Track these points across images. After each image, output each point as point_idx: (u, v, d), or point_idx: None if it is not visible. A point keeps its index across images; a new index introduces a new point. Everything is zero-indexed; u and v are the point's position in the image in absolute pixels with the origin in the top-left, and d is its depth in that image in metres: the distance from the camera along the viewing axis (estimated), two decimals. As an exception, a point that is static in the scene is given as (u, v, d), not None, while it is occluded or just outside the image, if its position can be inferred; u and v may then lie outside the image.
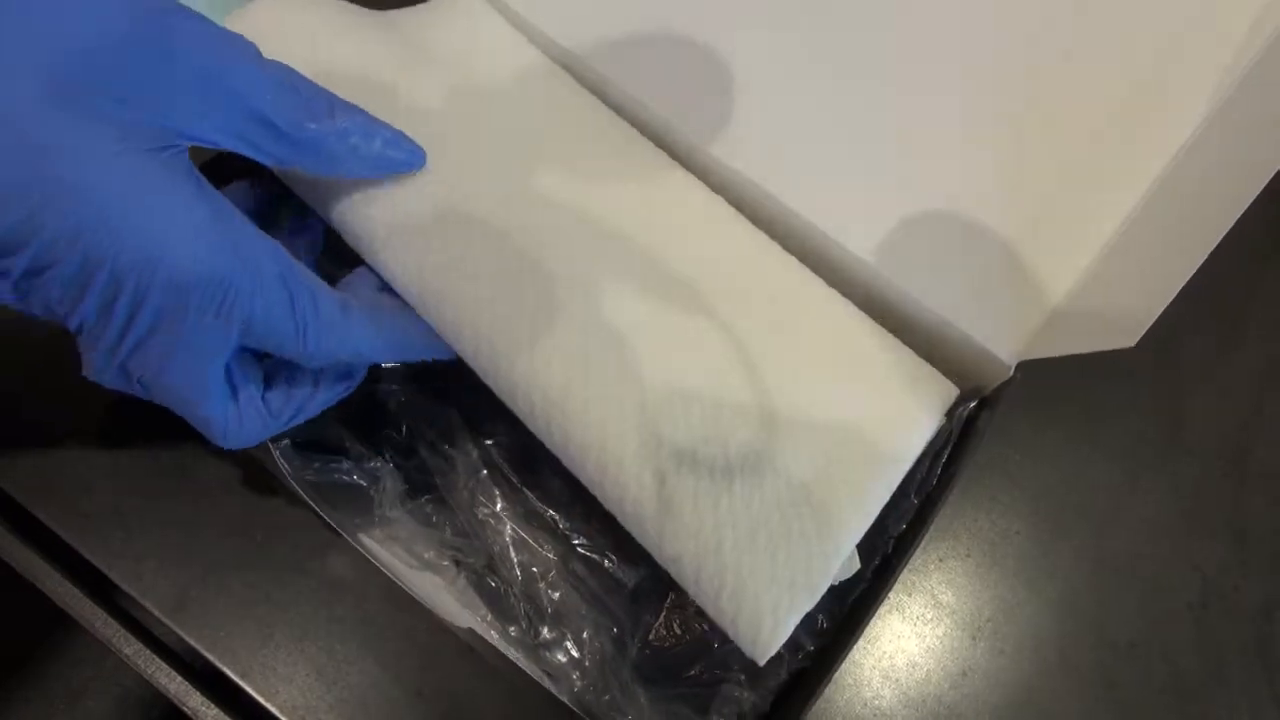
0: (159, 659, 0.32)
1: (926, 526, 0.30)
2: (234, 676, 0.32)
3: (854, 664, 0.35)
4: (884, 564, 0.31)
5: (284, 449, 0.31)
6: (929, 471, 0.32)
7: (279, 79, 0.25)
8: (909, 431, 0.29)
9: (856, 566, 0.29)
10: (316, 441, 0.32)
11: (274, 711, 0.32)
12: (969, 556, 0.38)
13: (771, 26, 0.35)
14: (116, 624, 0.32)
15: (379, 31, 0.32)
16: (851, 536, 0.27)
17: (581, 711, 0.31)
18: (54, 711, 0.41)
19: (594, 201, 0.31)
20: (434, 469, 0.32)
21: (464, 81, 0.32)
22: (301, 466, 0.31)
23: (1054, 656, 0.36)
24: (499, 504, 0.32)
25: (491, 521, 0.31)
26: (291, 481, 0.28)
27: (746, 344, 0.29)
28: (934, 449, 0.31)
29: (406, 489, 0.32)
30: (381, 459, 0.32)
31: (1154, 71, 0.33)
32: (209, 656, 0.32)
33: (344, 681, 0.32)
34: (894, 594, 0.37)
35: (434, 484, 0.32)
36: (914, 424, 0.29)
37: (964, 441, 0.32)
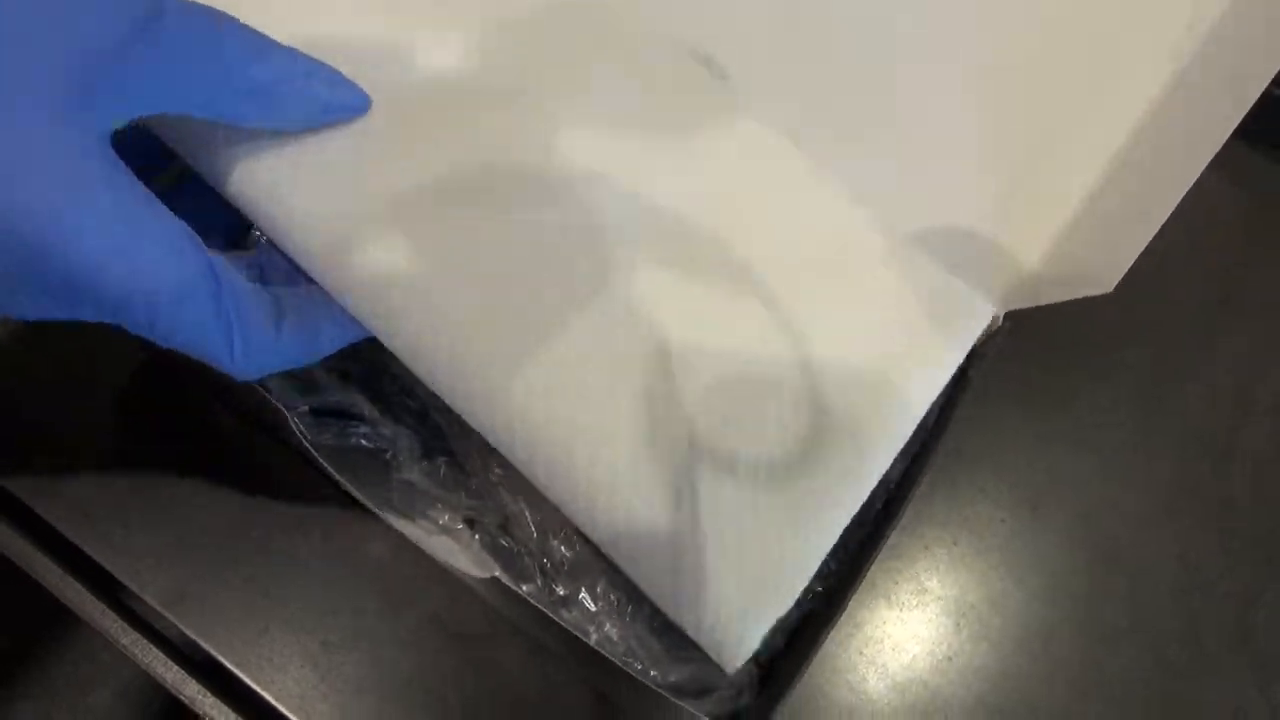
0: (157, 649, 0.33)
1: (924, 472, 0.31)
2: (230, 666, 0.33)
3: (839, 648, 0.36)
4: (885, 508, 0.32)
5: (301, 414, 0.31)
6: (923, 422, 0.32)
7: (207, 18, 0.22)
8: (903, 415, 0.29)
9: None
10: (332, 408, 0.32)
11: (270, 700, 0.32)
12: (955, 544, 0.38)
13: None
14: (115, 616, 0.33)
15: None
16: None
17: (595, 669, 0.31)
18: (56, 707, 0.41)
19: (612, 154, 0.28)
20: (448, 433, 0.32)
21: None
22: (318, 431, 0.31)
23: (1038, 643, 0.37)
24: (511, 465, 0.32)
25: (505, 483, 0.32)
26: (309, 446, 0.29)
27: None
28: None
29: (422, 452, 0.32)
30: (396, 423, 0.32)
31: (1124, 30, 0.34)
32: (206, 647, 0.33)
33: (338, 671, 0.33)
34: (880, 580, 0.37)
35: (449, 448, 0.32)
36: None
37: (956, 391, 0.33)
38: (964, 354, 0.34)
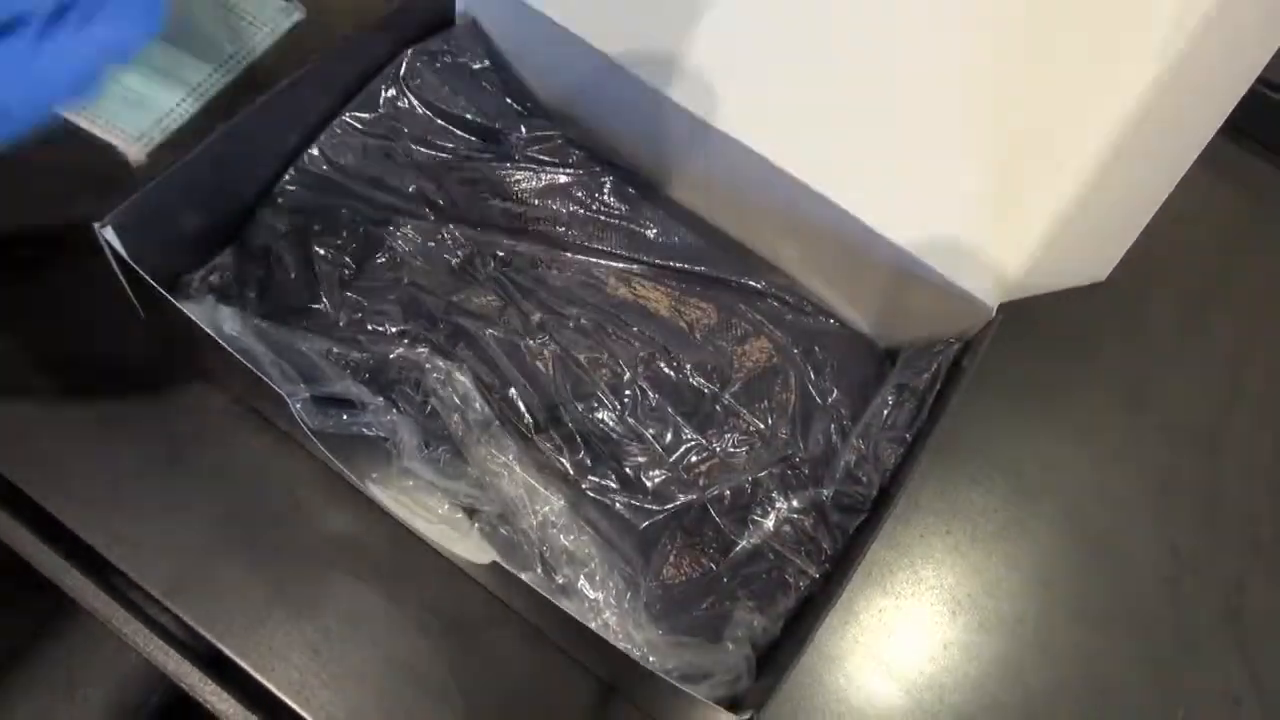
0: (158, 638, 0.33)
1: (919, 459, 0.32)
2: (231, 654, 0.33)
3: (835, 636, 0.36)
4: (881, 495, 0.33)
5: (304, 403, 0.31)
6: (919, 410, 0.34)
7: None
8: None
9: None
10: (334, 397, 0.32)
11: (270, 687, 0.32)
12: (949, 534, 0.39)
13: (760, 9, 0.36)
14: (116, 604, 0.33)
15: None
16: None
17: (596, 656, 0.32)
18: (54, 699, 0.41)
19: None
20: (448, 423, 0.33)
21: None
22: (319, 419, 0.31)
23: (1031, 630, 0.37)
24: (510, 454, 0.32)
25: (504, 473, 0.32)
26: (309, 433, 0.29)
27: None
28: (923, 390, 0.34)
29: (423, 441, 0.33)
30: (398, 412, 0.33)
31: (1120, 29, 0.35)
32: (207, 635, 0.33)
33: (338, 659, 0.33)
34: (876, 569, 0.38)
35: (448, 437, 0.33)
36: None
37: (950, 381, 0.34)
38: (960, 346, 0.35)
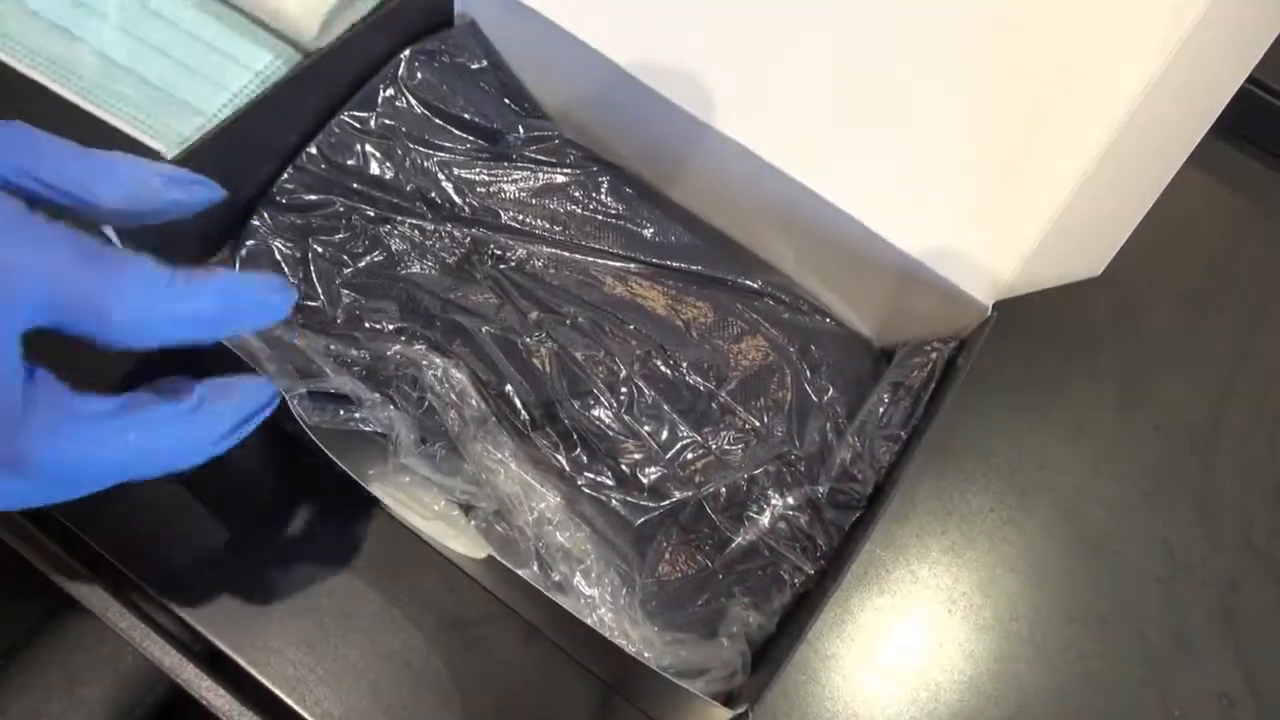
0: (155, 635, 0.33)
1: (913, 456, 0.32)
2: (227, 650, 0.33)
3: (831, 635, 0.36)
4: (876, 492, 0.33)
5: (300, 398, 0.32)
6: (913, 408, 0.34)
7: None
8: None
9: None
10: (331, 393, 0.33)
11: (266, 683, 0.33)
12: (945, 533, 0.39)
13: (759, 11, 0.37)
14: (114, 601, 0.33)
15: None
16: None
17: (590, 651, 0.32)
18: (51, 697, 0.41)
19: None
20: (444, 420, 0.33)
21: None
22: (316, 414, 0.31)
23: (1027, 629, 0.37)
24: (507, 451, 0.33)
25: (500, 469, 0.32)
26: (305, 428, 0.29)
27: None
28: (918, 388, 0.34)
29: (419, 437, 0.33)
30: (395, 409, 0.33)
31: (1113, 29, 0.36)
32: (203, 632, 0.33)
33: (334, 654, 0.33)
34: (873, 568, 0.38)
35: (445, 434, 0.33)
36: None
37: (945, 380, 0.34)
38: (955, 344, 0.35)
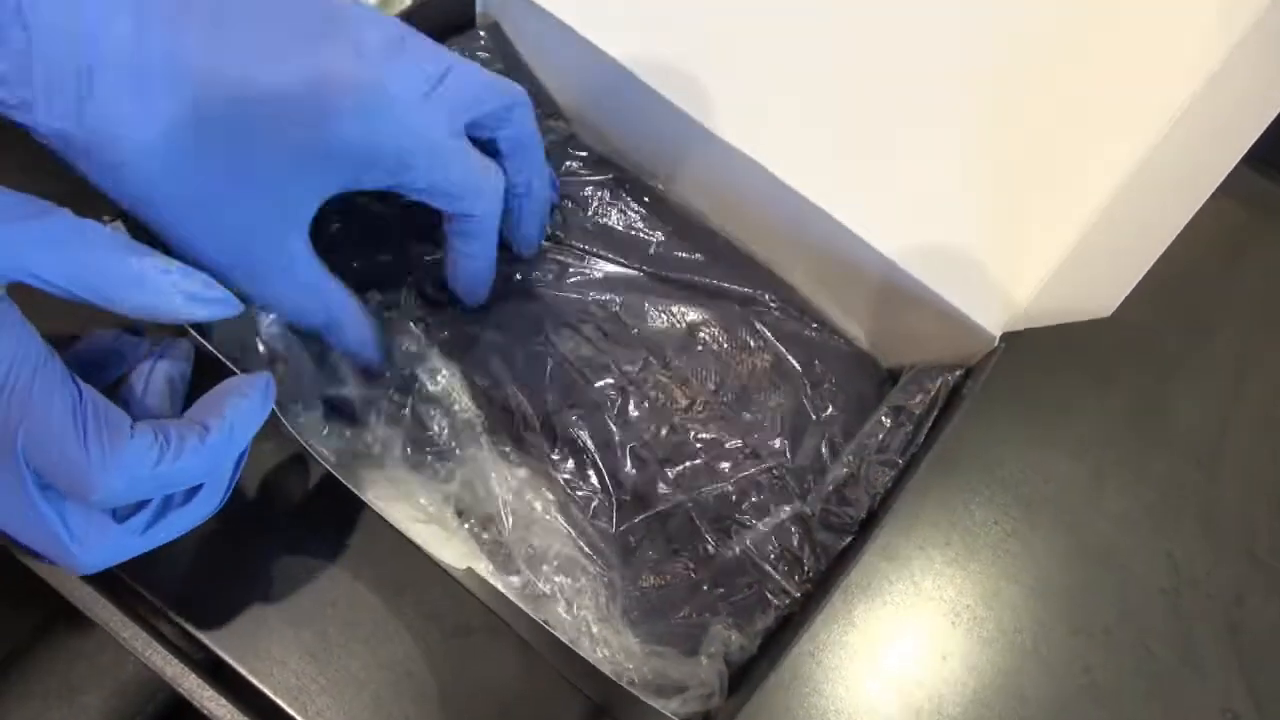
0: (157, 644, 0.33)
1: (905, 484, 0.32)
2: (230, 660, 0.33)
3: (835, 646, 0.36)
4: (869, 517, 0.33)
5: (294, 413, 0.32)
6: (914, 435, 0.34)
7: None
8: None
9: None
10: (324, 401, 0.33)
11: (268, 693, 0.32)
12: (949, 545, 0.39)
13: (775, 23, 0.37)
14: (116, 610, 0.33)
15: None
16: None
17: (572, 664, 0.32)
18: (50, 706, 0.41)
19: None
20: (436, 427, 0.33)
21: None
22: (311, 432, 0.32)
23: (1030, 642, 0.37)
24: (497, 460, 0.33)
25: (491, 476, 0.32)
26: (301, 440, 0.29)
27: None
28: (920, 414, 0.34)
29: (412, 446, 0.33)
30: (387, 417, 0.33)
31: (1140, 61, 0.36)
32: (206, 641, 0.33)
33: (336, 664, 0.33)
34: (876, 580, 0.38)
35: (437, 441, 0.33)
36: None
37: (949, 408, 0.34)
38: (962, 373, 0.35)
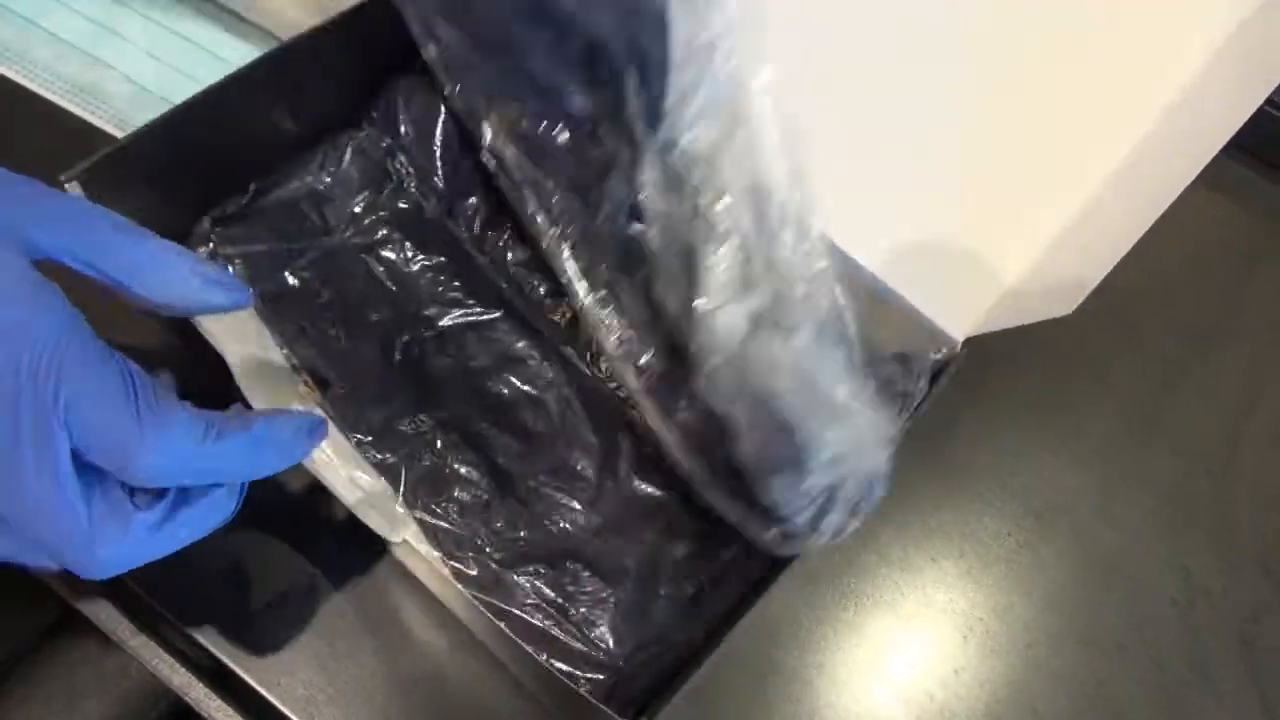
0: (164, 652, 0.32)
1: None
2: (237, 669, 0.33)
3: (846, 658, 0.36)
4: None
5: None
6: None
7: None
8: None
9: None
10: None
11: (275, 703, 0.32)
12: (961, 558, 0.39)
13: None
14: (122, 616, 0.33)
15: None
16: None
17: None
18: (51, 711, 0.41)
19: None
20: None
21: None
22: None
23: (1043, 655, 0.37)
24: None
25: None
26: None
27: None
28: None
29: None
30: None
31: (1115, 62, 0.36)
32: (213, 650, 0.33)
33: (344, 673, 0.33)
34: (888, 593, 0.37)
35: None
36: None
37: (914, 413, 0.34)
38: (927, 379, 0.35)
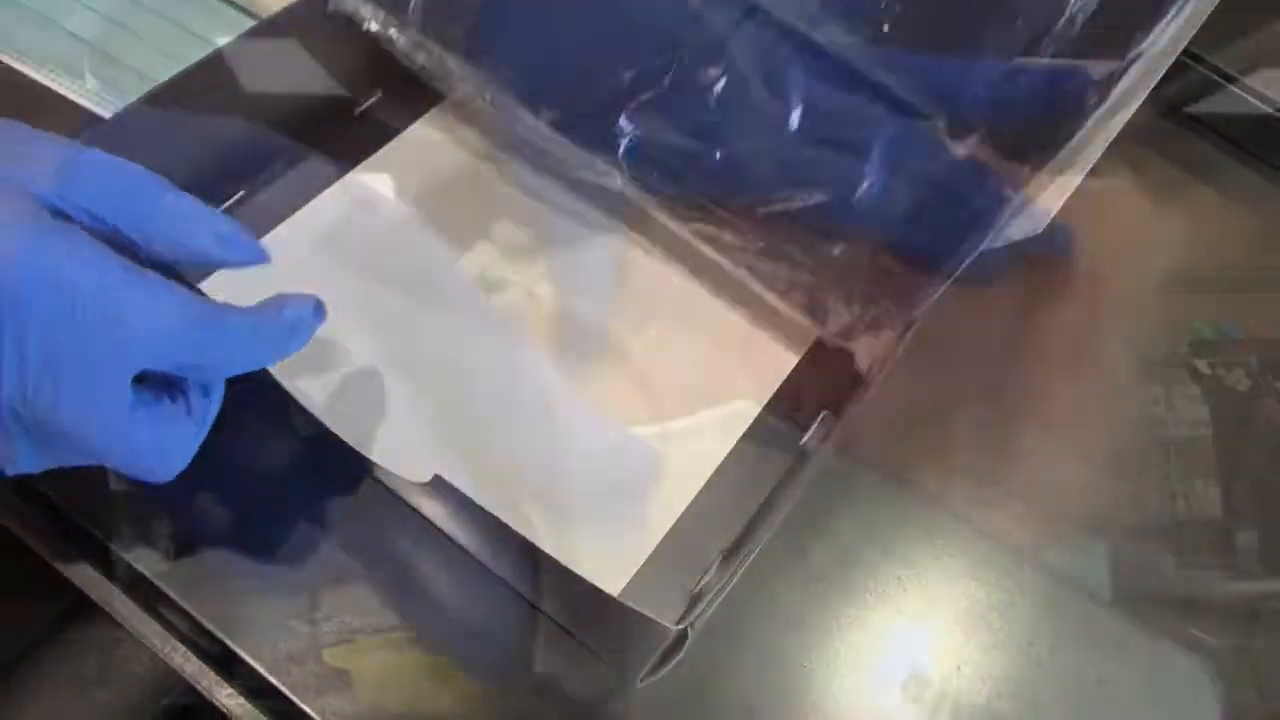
0: (174, 639, 0.33)
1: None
2: (248, 658, 0.33)
3: (849, 653, 0.36)
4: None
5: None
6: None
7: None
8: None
9: None
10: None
11: (286, 692, 0.32)
12: (965, 554, 0.39)
13: None
14: (134, 605, 0.33)
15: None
16: None
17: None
18: (61, 698, 0.41)
19: None
20: None
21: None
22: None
23: (1046, 652, 0.37)
24: None
25: None
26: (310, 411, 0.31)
27: None
28: None
29: None
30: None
31: None
32: (222, 637, 0.33)
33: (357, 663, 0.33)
34: (891, 589, 0.38)
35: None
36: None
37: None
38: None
